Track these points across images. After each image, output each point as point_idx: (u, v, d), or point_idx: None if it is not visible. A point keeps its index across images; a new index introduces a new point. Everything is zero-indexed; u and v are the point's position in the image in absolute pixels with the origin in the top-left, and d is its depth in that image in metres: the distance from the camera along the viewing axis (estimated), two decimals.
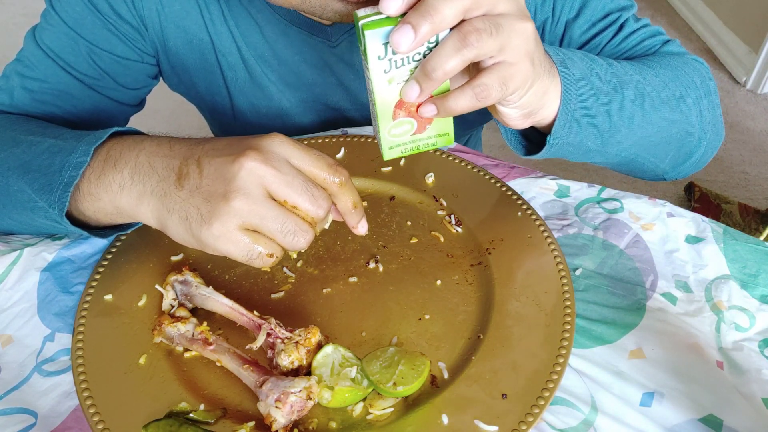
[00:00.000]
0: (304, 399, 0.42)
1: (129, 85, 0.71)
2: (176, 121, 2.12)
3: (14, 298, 0.53)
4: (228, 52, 0.70)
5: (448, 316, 0.51)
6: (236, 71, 0.71)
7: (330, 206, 0.45)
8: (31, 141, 0.53)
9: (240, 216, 0.42)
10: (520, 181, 0.65)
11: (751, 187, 1.90)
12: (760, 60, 2.23)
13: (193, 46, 0.70)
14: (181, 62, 0.71)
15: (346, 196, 0.46)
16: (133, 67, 0.70)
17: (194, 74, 0.73)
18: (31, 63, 0.66)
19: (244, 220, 0.42)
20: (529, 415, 0.43)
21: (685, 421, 0.44)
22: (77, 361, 0.47)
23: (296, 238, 0.44)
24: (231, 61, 0.70)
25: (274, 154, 0.43)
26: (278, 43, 0.69)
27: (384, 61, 0.41)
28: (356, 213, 0.48)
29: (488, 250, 0.56)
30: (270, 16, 0.67)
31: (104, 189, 0.47)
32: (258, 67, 0.71)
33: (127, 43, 0.68)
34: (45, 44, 0.65)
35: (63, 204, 0.48)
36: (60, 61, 0.65)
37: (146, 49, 0.70)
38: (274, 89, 0.73)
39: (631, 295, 0.53)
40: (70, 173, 0.48)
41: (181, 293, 0.51)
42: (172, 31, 0.68)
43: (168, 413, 0.44)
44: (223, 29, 0.68)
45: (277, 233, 0.43)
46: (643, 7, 2.87)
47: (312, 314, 0.51)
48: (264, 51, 0.70)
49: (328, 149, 0.68)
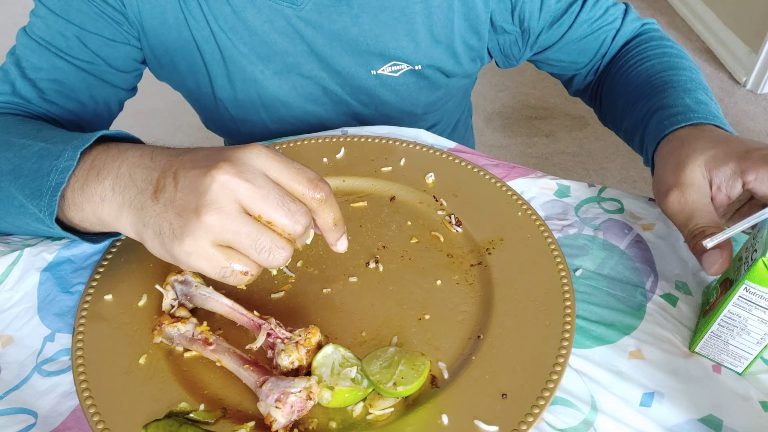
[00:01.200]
0: (304, 399, 0.42)
1: (121, 68, 0.72)
2: (176, 121, 2.12)
3: (14, 299, 0.53)
4: (201, 27, 0.70)
5: (448, 316, 0.51)
6: (210, 45, 0.71)
7: (309, 222, 0.43)
8: (22, 144, 0.52)
9: (212, 232, 0.41)
10: (520, 181, 0.65)
11: None
12: (760, 60, 2.23)
13: (169, 25, 0.70)
14: (161, 42, 0.72)
15: (327, 213, 0.44)
16: (121, 49, 0.71)
17: (174, 55, 0.73)
18: (25, 54, 0.67)
19: (216, 236, 0.41)
20: (529, 415, 0.43)
21: (685, 421, 0.44)
22: (77, 361, 0.47)
23: (272, 255, 0.42)
24: (205, 35, 0.71)
25: (249, 166, 0.41)
26: (246, 12, 0.69)
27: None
28: (336, 230, 0.46)
29: (488, 250, 0.56)
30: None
31: (87, 200, 0.47)
32: (228, 41, 0.71)
33: (114, 25, 0.69)
34: (36, 35, 0.67)
35: (52, 209, 0.47)
36: (52, 48, 0.67)
37: (131, 31, 0.71)
38: (246, 62, 0.73)
39: (631, 296, 0.53)
40: (57, 177, 0.47)
41: (181, 293, 0.51)
42: (148, 12, 0.69)
43: (168, 413, 0.44)
44: (194, 4, 0.69)
45: (251, 250, 0.41)
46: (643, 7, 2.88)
47: (312, 314, 0.51)
48: (234, 23, 0.70)
49: (328, 149, 0.68)
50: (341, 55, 0.73)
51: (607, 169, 1.95)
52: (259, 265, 0.43)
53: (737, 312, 0.44)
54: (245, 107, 0.77)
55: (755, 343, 0.45)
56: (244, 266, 0.42)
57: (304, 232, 0.43)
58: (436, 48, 0.73)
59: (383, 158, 0.66)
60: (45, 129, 0.57)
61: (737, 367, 0.47)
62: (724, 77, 2.38)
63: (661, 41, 0.73)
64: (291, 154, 0.67)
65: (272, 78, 0.75)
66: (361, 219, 0.60)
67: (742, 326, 0.45)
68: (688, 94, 0.62)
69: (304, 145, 0.69)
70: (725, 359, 0.47)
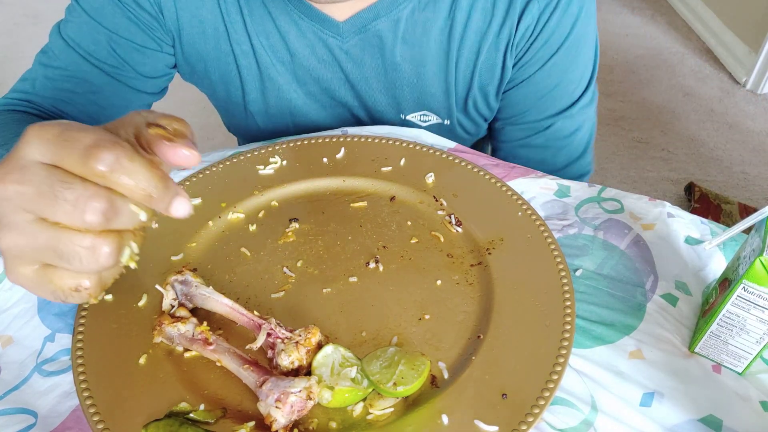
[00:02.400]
0: (304, 399, 0.42)
1: (148, 74, 0.72)
2: None
3: (14, 299, 0.53)
4: (242, 41, 0.70)
5: (448, 316, 0.51)
6: (248, 60, 0.72)
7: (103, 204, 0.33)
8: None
9: (14, 255, 0.34)
10: (520, 181, 0.65)
11: (751, 187, 1.90)
12: (760, 60, 2.23)
13: (208, 35, 0.70)
14: (196, 51, 0.72)
15: (124, 183, 0.34)
16: (152, 56, 0.71)
17: (209, 64, 0.73)
18: (54, 54, 0.69)
19: (23, 258, 0.34)
20: (529, 415, 0.43)
21: (685, 421, 0.44)
22: (77, 361, 0.47)
23: (86, 259, 0.34)
24: (245, 50, 0.71)
25: (18, 159, 0.33)
26: (290, 34, 0.69)
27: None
28: (157, 199, 0.35)
29: (488, 250, 0.56)
30: (283, 7, 0.68)
31: None
32: (267, 58, 0.71)
33: (147, 31, 0.69)
34: (67, 35, 0.68)
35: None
36: (80, 50, 0.68)
37: (164, 38, 0.71)
38: (282, 80, 0.73)
39: (631, 296, 0.53)
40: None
41: (181, 293, 0.51)
42: (187, 20, 0.69)
43: (168, 413, 0.44)
44: (238, 18, 0.69)
45: (60, 260, 0.34)
46: (644, 7, 2.88)
47: (312, 314, 0.51)
48: (275, 42, 0.70)
49: (328, 149, 0.68)
50: (375, 93, 0.74)
51: (607, 169, 1.95)
52: (89, 274, 0.36)
53: (736, 312, 0.44)
54: (275, 121, 0.78)
55: (754, 342, 0.45)
56: (71, 281, 0.36)
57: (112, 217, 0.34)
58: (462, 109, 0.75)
59: (383, 158, 0.66)
60: (10, 129, 0.56)
61: (737, 367, 0.47)
62: (724, 77, 2.38)
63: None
64: (291, 155, 0.67)
65: (305, 98, 0.75)
66: (361, 219, 0.60)
67: (741, 326, 0.45)
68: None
69: (304, 145, 0.69)
70: (725, 359, 0.47)
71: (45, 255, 0.34)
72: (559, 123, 0.75)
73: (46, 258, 0.35)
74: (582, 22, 0.68)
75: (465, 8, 0.67)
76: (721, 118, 2.18)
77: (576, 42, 0.69)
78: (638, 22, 2.77)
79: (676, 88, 2.34)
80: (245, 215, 0.61)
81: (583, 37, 0.70)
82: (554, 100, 0.74)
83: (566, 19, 0.67)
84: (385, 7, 0.66)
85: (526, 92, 0.73)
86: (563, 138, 0.77)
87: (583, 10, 0.68)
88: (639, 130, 2.13)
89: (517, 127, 0.77)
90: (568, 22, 0.67)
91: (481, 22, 0.68)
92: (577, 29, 0.68)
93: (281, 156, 0.67)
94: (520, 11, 0.66)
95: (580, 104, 0.75)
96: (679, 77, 2.40)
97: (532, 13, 0.66)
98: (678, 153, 2.03)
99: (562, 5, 0.66)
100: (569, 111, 0.75)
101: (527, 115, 0.76)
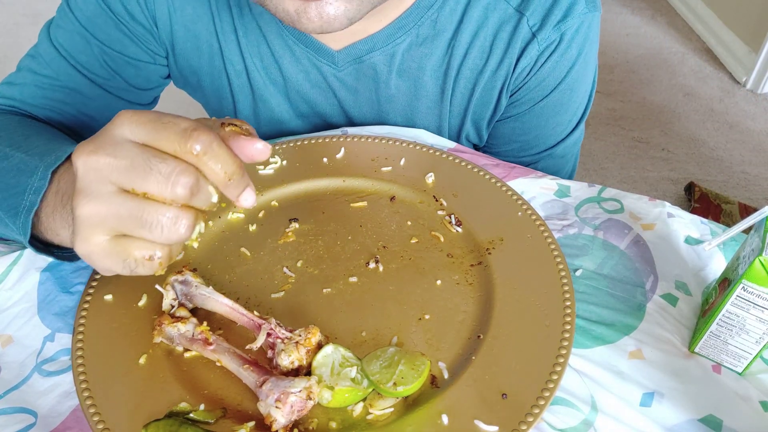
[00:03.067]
0: (304, 399, 0.42)
1: (141, 86, 0.71)
2: None
3: (14, 298, 0.53)
4: (236, 60, 0.70)
5: (448, 316, 0.51)
6: (241, 79, 0.71)
7: (193, 180, 0.37)
8: (5, 154, 0.51)
9: (93, 224, 0.36)
10: (520, 181, 0.65)
11: (751, 187, 1.90)
12: (760, 60, 2.23)
13: (202, 51, 0.70)
14: (189, 65, 0.71)
15: (212, 166, 0.37)
16: (144, 68, 0.70)
17: (202, 78, 0.73)
18: (44, 60, 0.66)
19: (101, 227, 0.37)
20: (529, 415, 0.43)
21: (685, 421, 0.44)
22: (77, 361, 0.47)
23: (166, 228, 0.37)
24: (238, 69, 0.71)
25: (111, 137, 0.36)
26: (284, 58, 0.69)
27: None
28: (233, 184, 0.39)
29: (488, 250, 0.56)
30: (278, 31, 0.67)
31: (60, 226, 0.46)
32: (261, 79, 0.71)
33: (140, 44, 0.68)
34: (58, 42, 0.66)
35: (26, 230, 0.46)
36: (72, 60, 0.66)
37: (158, 50, 0.70)
38: (274, 102, 0.73)
39: (631, 296, 0.53)
40: (31, 198, 0.46)
41: (181, 293, 0.51)
42: (181, 35, 0.68)
43: (168, 413, 0.44)
44: (232, 37, 0.68)
45: (142, 230, 0.37)
46: (644, 7, 2.88)
47: (312, 314, 0.51)
48: (269, 64, 0.70)
49: (328, 149, 0.68)
50: (369, 121, 0.74)
51: (607, 169, 1.95)
52: (163, 245, 0.38)
53: (735, 311, 0.44)
54: (264, 137, 0.78)
55: (754, 342, 0.45)
56: (146, 251, 0.38)
57: (195, 193, 0.37)
58: (454, 140, 0.75)
59: (383, 158, 0.66)
60: (33, 136, 0.56)
61: (737, 367, 0.47)
62: (724, 77, 2.38)
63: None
64: (291, 155, 0.67)
65: (296, 118, 0.75)
66: (361, 219, 0.60)
67: (740, 326, 0.45)
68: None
69: (304, 145, 0.69)
70: (725, 359, 0.47)
71: (126, 224, 0.37)
72: (541, 163, 0.76)
73: (127, 227, 0.37)
74: (579, 66, 0.67)
75: (463, 45, 0.66)
76: (721, 118, 2.18)
77: (570, 86, 0.69)
78: (638, 22, 2.77)
79: (676, 88, 2.34)
80: (245, 215, 0.61)
81: (578, 81, 0.69)
82: (539, 139, 0.74)
83: (563, 62, 0.66)
84: (381, 40, 0.66)
85: (513, 127, 0.73)
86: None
87: (582, 54, 0.66)
88: (639, 129, 2.13)
89: (499, 158, 0.77)
90: (565, 66, 0.66)
91: (478, 59, 0.67)
92: (573, 73, 0.67)
93: (281, 156, 0.67)
94: (519, 51, 0.65)
95: (565, 143, 0.74)
96: (679, 77, 2.40)
97: (531, 54, 0.65)
98: (678, 153, 2.03)
99: (561, 48, 0.65)
100: (553, 150, 0.74)
101: (510, 149, 0.76)
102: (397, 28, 0.65)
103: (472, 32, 0.65)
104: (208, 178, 0.38)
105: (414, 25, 0.65)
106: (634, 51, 2.57)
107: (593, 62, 0.71)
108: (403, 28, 0.65)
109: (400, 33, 0.65)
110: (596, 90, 0.80)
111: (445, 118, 0.72)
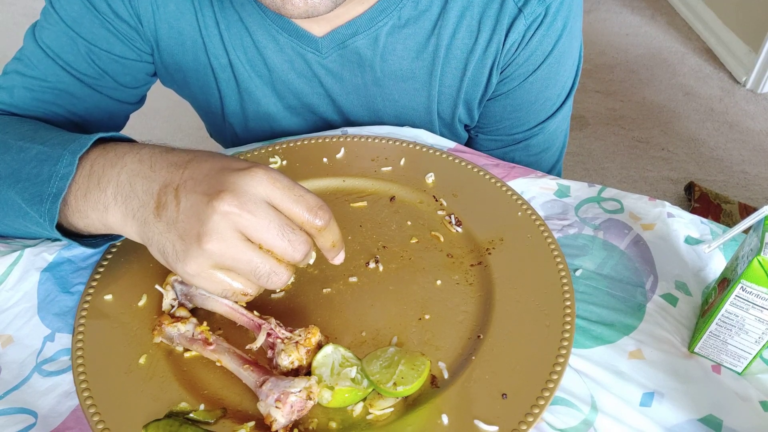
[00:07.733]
0: (304, 399, 0.42)
1: (128, 84, 0.71)
2: (176, 121, 2.12)
3: (14, 298, 0.53)
4: (219, 55, 0.70)
5: (448, 316, 0.51)
6: (226, 74, 0.71)
7: (309, 249, 0.44)
8: (20, 147, 0.52)
9: (212, 258, 0.42)
10: (520, 181, 0.65)
11: (751, 187, 1.90)
12: (760, 60, 2.23)
13: (186, 47, 0.69)
14: (175, 62, 0.71)
15: (326, 238, 0.46)
16: (131, 66, 0.70)
17: (187, 74, 0.73)
18: (31, 62, 0.66)
19: (217, 261, 0.43)
20: (529, 415, 0.43)
21: (684, 421, 0.44)
22: (77, 361, 0.47)
23: (270, 279, 0.43)
24: (222, 63, 0.70)
25: (251, 196, 0.42)
26: (267, 49, 0.69)
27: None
28: (335, 250, 0.47)
29: (488, 250, 0.56)
30: (260, 21, 0.67)
31: (91, 208, 0.47)
32: (245, 72, 0.71)
33: (126, 42, 0.68)
34: (44, 43, 0.65)
35: (53, 215, 0.47)
36: (59, 60, 0.66)
37: (143, 47, 0.70)
38: (261, 94, 0.73)
39: (631, 296, 0.53)
40: (58, 184, 0.47)
41: (181, 293, 0.51)
42: (165, 31, 0.68)
43: (168, 413, 0.44)
44: (215, 31, 0.68)
45: (251, 275, 0.43)
46: (643, 7, 2.88)
47: (312, 314, 0.51)
48: (253, 56, 0.69)
49: (328, 149, 0.68)
50: (355, 108, 0.74)
51: (607, 169, 1.95)
52: (258, 287, 0.45)
53: (734, 311, 0.44)
54: (254, 132, 0.78)
55: (754, 342, 0.45)
56: (244, 288, 0.45)
57: (306, 258, 0.45)
58: (446, 122, 0.75)
59: (383, 158, 0.66)
60: (41, 130, 0.56)
61: (737, 367, 0.47)
62: (724, 77, 2.38)
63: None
64: (291, 155, 0.67)
65: (284, 111, 0.75)
66: (361, 219, 0.60)
67: (740, 326, 0.45)
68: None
69: (304, 145, 0.69)
70: (724, 359, 0.47)
71: (240, 266, 0.43)
72: (533, 139, 0.76)
73: (240, 269, 0.43)
74: (565, 38, 0.67)
75: (450, 26, 0.66)
76: (721, 118, 2.18)
77: (557, 59, 0.69)
78: (638, 22, 2.77)
79: (676, 88, 2.34)
80: None
81: (564, 54, 0.69)
82: (530, 115, 0.74)
83: (550, 35, 0.66)
84: (363, 24, 0.66)
85: (504, 105, 0.73)
86: (536, 154, 0.77)
87: (567, 27, 0.67)
88: (639, 129, 2.13)
89: (490, 137, 0.77)
90: (552, 38, 0.66)
91: (467, 39, 0.67)
92: (559, 46, 0.68)
93: (281, 156, 0.67)
94: (507, 27, 0.65)
95: (556, 118, 0.74)
96: (679, 77, 2.40)
97: (519, 29, 0.65)
98: (678, 153, 2.03)
99: (547, 21, 0.65)
100: (544, 125, 0.74)
101: (501, 127, 0.75)
102: (379, 11, 0.65)
103: (459, 12, 0.65)
104: (317, 244, 0.46)
105: (396, 7, 0.65)
106: (634, 51, 2.57)
107: (578, 35, 0.71)
108: (385, 11, 0.65)
109: (382, 16, 0.65)
110: (596, 90, 0.80)
111: (434, 100, 0.72)
